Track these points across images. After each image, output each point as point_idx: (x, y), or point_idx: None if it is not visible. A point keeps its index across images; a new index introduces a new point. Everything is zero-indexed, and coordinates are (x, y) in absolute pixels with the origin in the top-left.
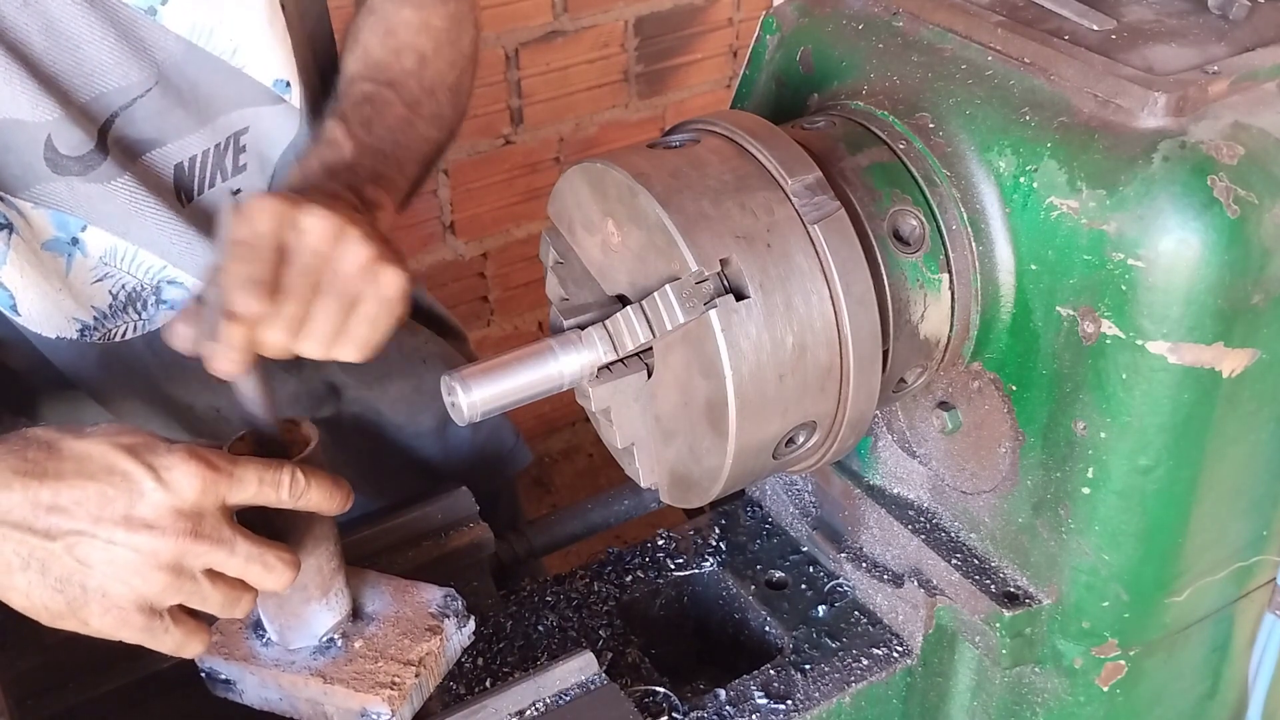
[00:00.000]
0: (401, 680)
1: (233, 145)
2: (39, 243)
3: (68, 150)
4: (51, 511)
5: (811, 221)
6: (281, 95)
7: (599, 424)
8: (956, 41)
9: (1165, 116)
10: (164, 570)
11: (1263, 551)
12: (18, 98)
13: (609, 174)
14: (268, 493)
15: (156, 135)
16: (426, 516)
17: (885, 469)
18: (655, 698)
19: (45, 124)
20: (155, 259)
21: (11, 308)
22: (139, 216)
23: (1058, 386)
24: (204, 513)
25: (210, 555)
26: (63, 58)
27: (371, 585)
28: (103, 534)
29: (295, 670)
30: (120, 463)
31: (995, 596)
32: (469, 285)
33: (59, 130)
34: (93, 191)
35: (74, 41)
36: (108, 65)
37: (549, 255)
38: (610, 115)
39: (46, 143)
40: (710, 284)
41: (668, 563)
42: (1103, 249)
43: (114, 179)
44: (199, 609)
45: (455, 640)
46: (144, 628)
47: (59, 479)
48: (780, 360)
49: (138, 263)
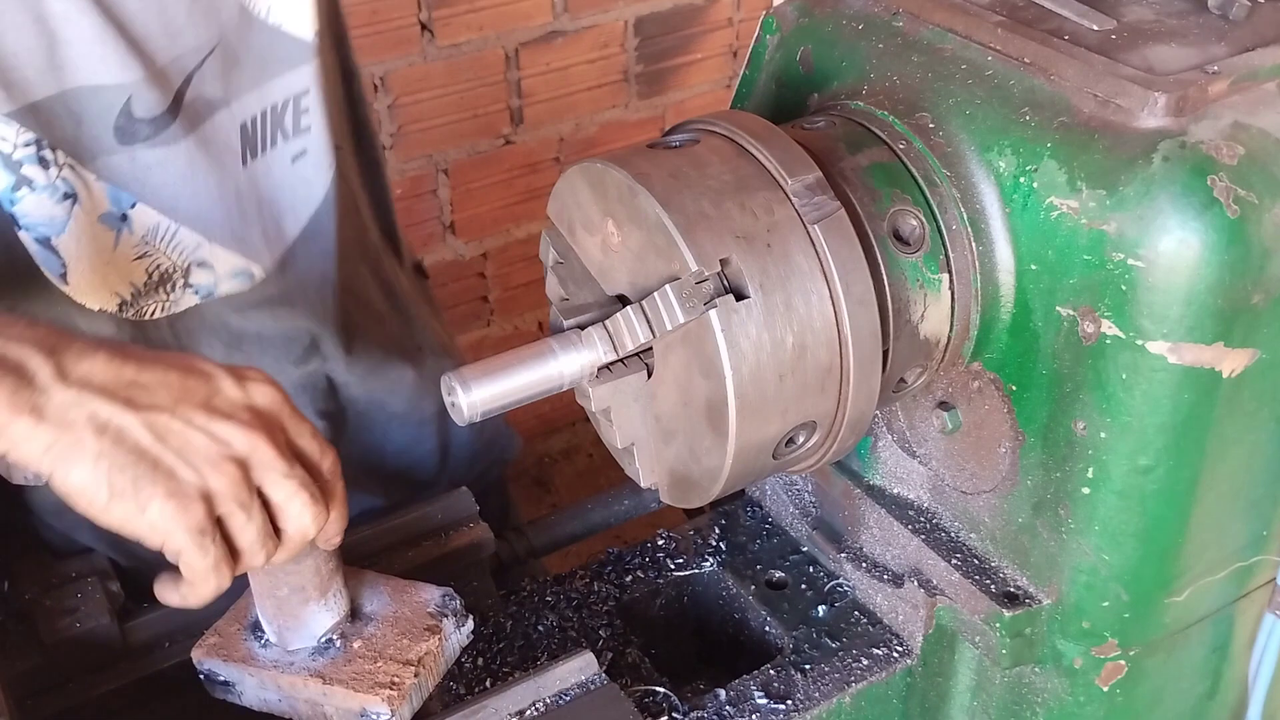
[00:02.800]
0: (401, 680)
1: (293, 106)
2: (97, 215)
3: (143, 113)
4: (133, 386)
5: (811, 221)
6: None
7: (599, 424)
8: (956, 41)
9: (1165, 116)
10: (233, 463)
11: (1263, 551)
12: (107, 59)
13: (609, 174)
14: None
15: (222, 95)
16: (426, 516)
17: (885, 469)
18: (655, 698)
19: (127, 86)
20: (192, 238)
21: (61, 276)
22: (192, 183)
23: (1058, 386)
24: (274, 425)
25: (275, 465)
26: (150, 19)
27: (370, 585)
28: (181, 414)
29: (294, 671)
30: (202, 364)
31: (995, 596)
32: (469, 285)
33: (139, 92)
34: (154, 159)
35: (161, 3)
36: (184, 25)
37: (549, 255)
38: (610, 115)
39: (123, 108)
40: (710, 284)
41: (668, 563)
42: (1103, 249)
43: (179, 141)
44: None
45: (454, 640)
46: (197, 528)
47: (142, 361)
48: (780, 360)
49: (175, 243)
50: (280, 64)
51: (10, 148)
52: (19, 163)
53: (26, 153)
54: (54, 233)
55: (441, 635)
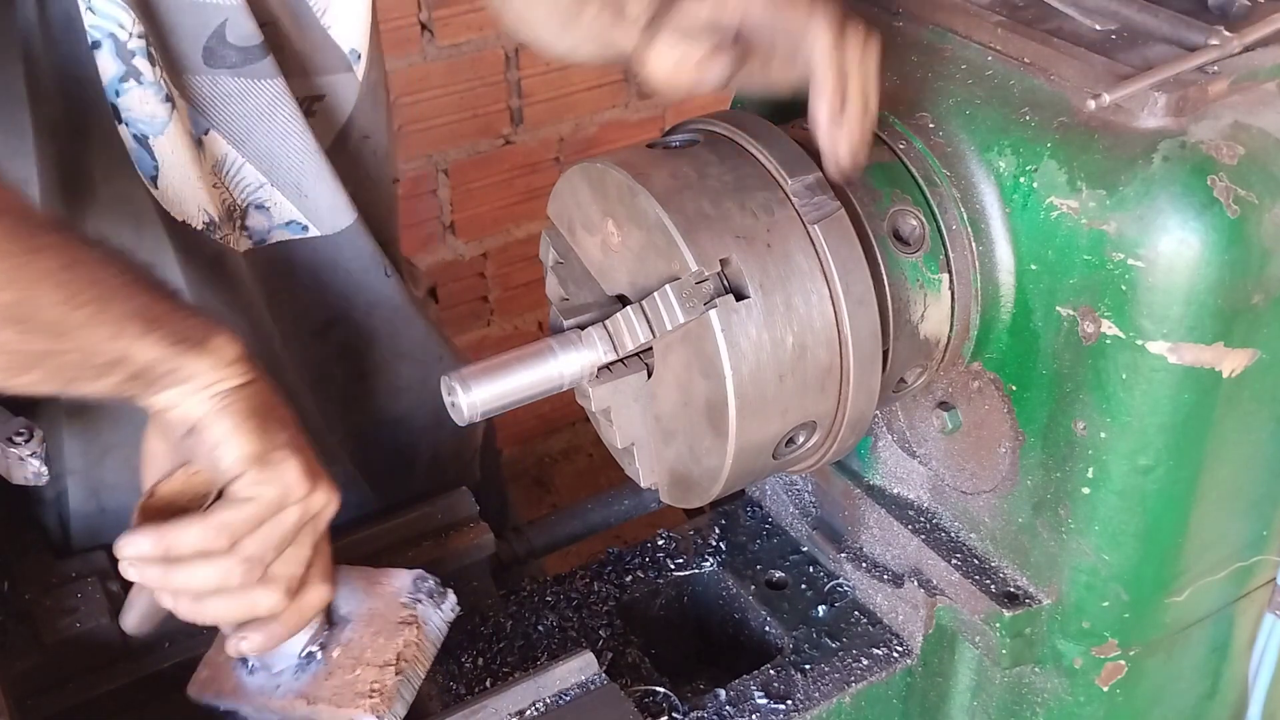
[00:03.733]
0: (382, 683)
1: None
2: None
3: (236, 39)
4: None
5: (811, 221)
6: (352, 65)
7: (599, 424)
8: (956, 41)
9: (1165, 116)
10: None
11: (1263, 551)
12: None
13: (609, 174)
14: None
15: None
16: (426, 516)
17: (885, 469)
18: (655, 698)
19: (225, 8)
20: (255, 176)
21: (152, 179)
22: (269, 121)
23: (1058, 386)
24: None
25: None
26: None
27: (343, 583)
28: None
29: (281, 695)
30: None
31: (995, 596)
32: (469, 285)
33: (236, 17)
34: (234, 88)
35: None
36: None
37: (549, 255)
38: (610, 115)
39: (216, 30)
40: (710, 284)
41: (668, 563)
42: (1103, 249)
43: (265, 79)
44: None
45: (436, 620)
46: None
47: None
48: (780, 360)
49: (240, 177)
50: (315, 66)
51: (126, 35)
52: (132, 53)
53: (139, 44)
54: (153, 132)
55: (419, 623)
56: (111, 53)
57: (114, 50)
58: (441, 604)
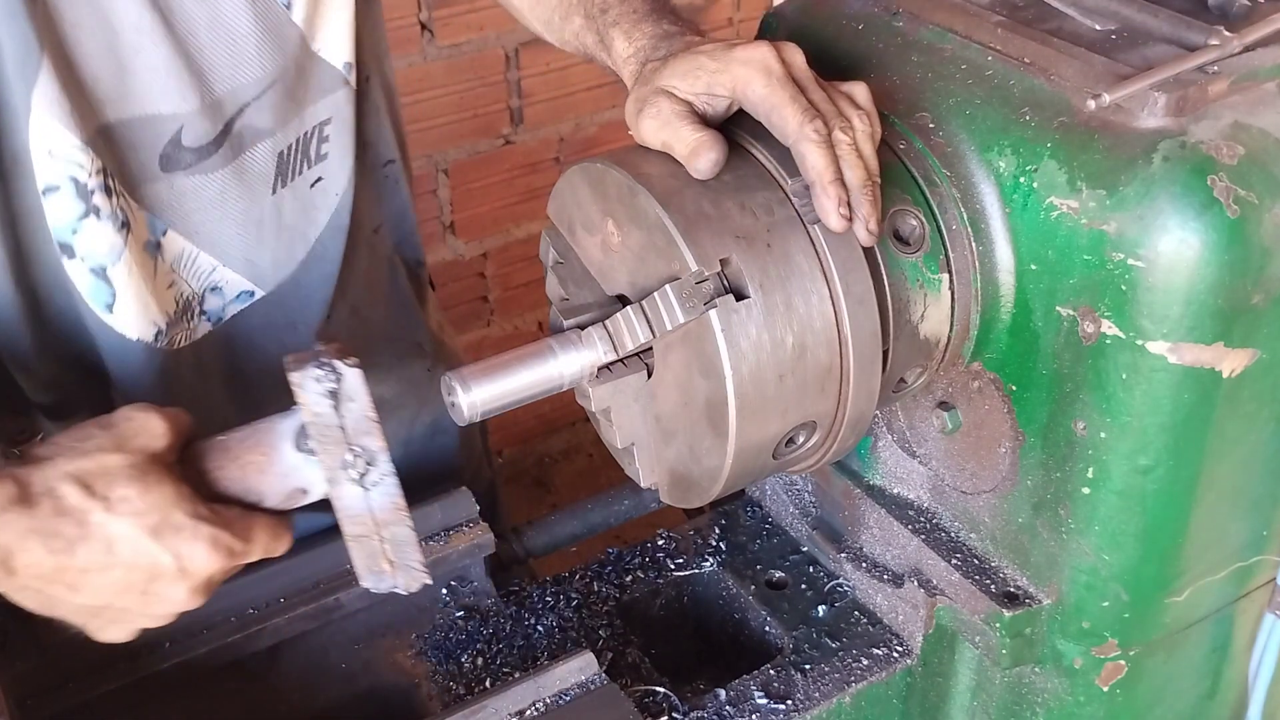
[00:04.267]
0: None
1: (317, 134)
2: (141, 243)
3: (191, 141)
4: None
5: (811, 222)
6: (346, 78)
7: (599, 424)
8: (956, 41)
9: (1165, 116)
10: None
11: (1263, 551)
12: (169, 90)
13: (609, 174)
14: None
15: (271, 125)
16: (426, 516)
17: (885, 469)
18: (655, 698)
19: (181, 116)
20: (209, 262)
21: (107, 306)
22: (218, 209)
23: (1058, 386)
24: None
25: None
26: (219, 50)
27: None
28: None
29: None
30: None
31: (995, 596)
32: (469, 285)
33: (192, 122)
34: (188, 186)
35: (232, 34)
36: (251, 57)
37: (549, 255)
38: (610, 115)
39: (173, 137)
40: (710, 284)
41: (668, 563)
42: (1103, 249)
43: (216, 170)
44: None
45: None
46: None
47: (85, 570)
48: (780, 360)
49: (195, 268)
50: (315, 91)
51: (85, 176)
52: (91, 191)
53: (96, 181)
54: (110, 262)
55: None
56: (71, 195)
57: (74, 192)
58: (324, 381)
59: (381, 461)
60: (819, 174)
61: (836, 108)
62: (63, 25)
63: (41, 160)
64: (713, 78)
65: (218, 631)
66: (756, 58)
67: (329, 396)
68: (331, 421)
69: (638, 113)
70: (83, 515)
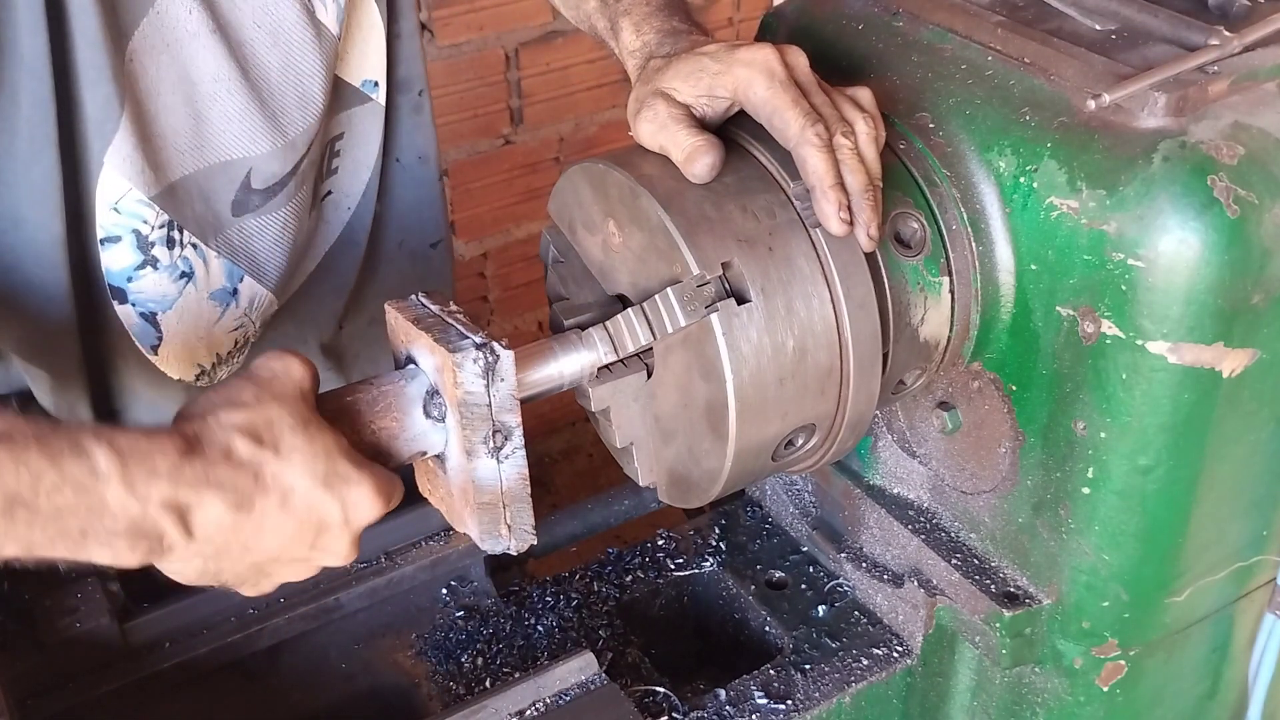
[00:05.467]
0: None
1: (328, 150)
2: (209, 291)
3: (259, 184)
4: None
5: (813, 225)
6: (369, 95)
7: (598, 423)
8: (956, 41)
9: (1165, 116)
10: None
11: (1263, 551)
12: (243, 135)
13: (610, 175)
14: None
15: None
16: (426, 515)
17: (885, 469)
18: (655, 698)
19: (251, 159)
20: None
21: (153, 348)
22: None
23: (1058, 386)
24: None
25: None
26: (289, 92)
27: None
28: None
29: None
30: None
31: (995, 596)
32: (469, 285)
33: (261, 165)
34: (254, 227)
35: (299, 75)
36: (317, 96)
37: (549, 253)
38: (610, 115)
39: (243, 181)
40: (712, 287)
41: (668, 563)
42: (1103, 249)
43: (279, 209)
44: None
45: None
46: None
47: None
48: (781, 364)
49: (264, 308)
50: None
51: (148, 230)
52: (152, 244)
53: (159, 234)
54: (162, 309)
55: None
56: (131, 246)
57: (135, 244)
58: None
59: (516, 436)
60: (819, 178)
61: (839, 111)
62: (144, 81)
63: (106, 214)
64: (714, 79)
65: (218, 631)
66: (759, 60)
67: (483, 375)
68: (481, 400)
69: (636, 113)
70: (258, 467)
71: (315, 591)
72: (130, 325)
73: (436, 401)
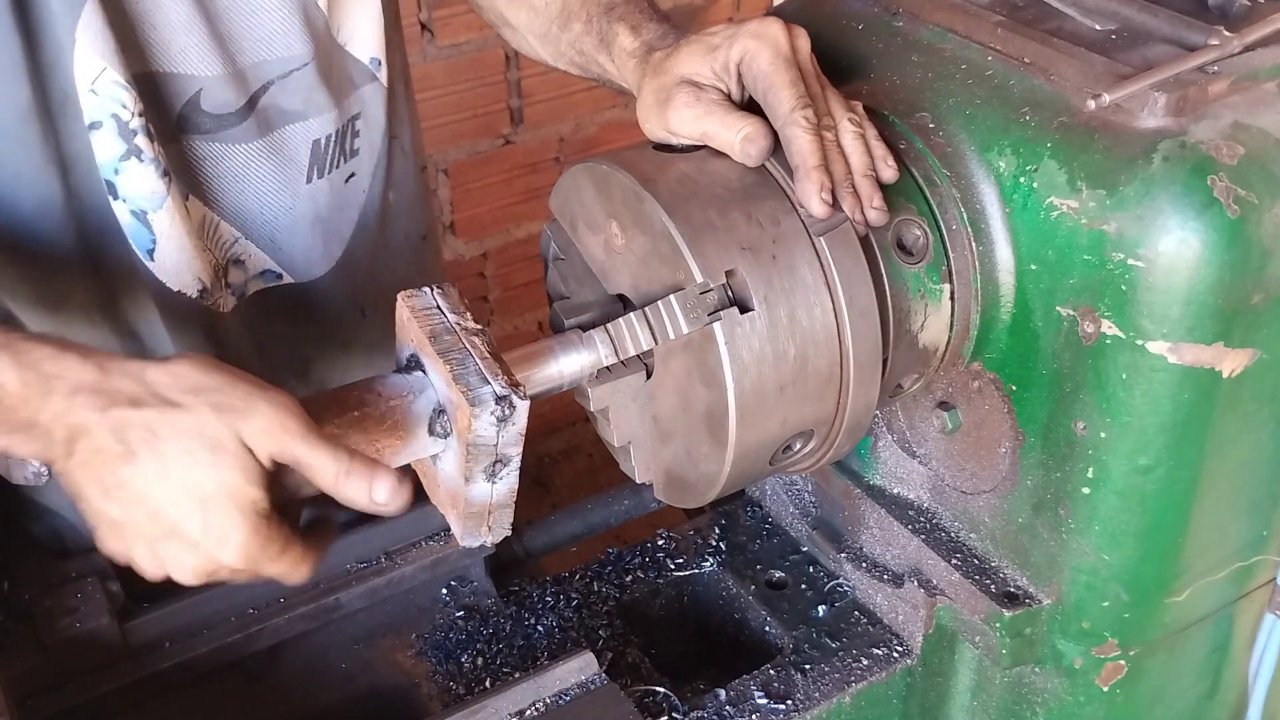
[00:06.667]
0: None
1: (350, 129)
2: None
3: (211, 108)
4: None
5: (818, 234)
6: (375, 73)
7: (597, 422)
8: (956, 41)
9: (1165, 116)
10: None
11: (1263, 551)
12: (187, 51)
13: (614, 177)
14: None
15: (301, 109)
16: (427, 516)
17: (885, 469)
18: (655, 698)
19: (199, 80)
20: (230, 232)
21: (149, 253)
22: (242, 182)
23: (1058, 386)
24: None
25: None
26: (240, 20)
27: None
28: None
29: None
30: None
31: (995, 596)
32: (469, 285)
33: (211, 88)
34: (206, 153)
35: (254, 6)
36: (276, 34)
37: (550, 249)
38: (610, 115)
39: (191, 99)
40: (715, 295)
41: (668, 563)
42: (1103, 249)
43: (242, 142)
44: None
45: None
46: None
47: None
48: (781, 372)
49: (216, 236)
50: (348, 84)
51: (128, 116)
52: (134, 131)
53: (139, 123)
54: (152, 207)
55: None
56: (114, 132)
57: (116, 130)
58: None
59: (514, 463)
60: (803, 158)
61: (827, 105)
62: None
63: (86, 96)
64: (724, 50)
65: (218, 631)
66: (769, 33)
67: (498, 423)
68: (490, 442)
69: (664, 103)
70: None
71: (315, 591)
72: (125, 225)
73: (443, 420)
